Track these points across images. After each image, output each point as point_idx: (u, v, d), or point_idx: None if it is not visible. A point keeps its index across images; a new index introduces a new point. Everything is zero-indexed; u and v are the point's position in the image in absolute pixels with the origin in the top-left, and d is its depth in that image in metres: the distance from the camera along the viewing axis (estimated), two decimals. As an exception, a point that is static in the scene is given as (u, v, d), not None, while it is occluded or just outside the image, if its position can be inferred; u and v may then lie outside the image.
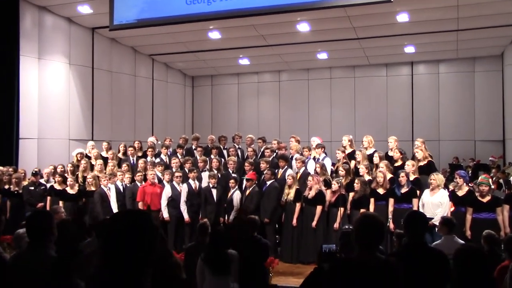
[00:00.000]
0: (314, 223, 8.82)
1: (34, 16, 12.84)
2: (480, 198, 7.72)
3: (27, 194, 10.21)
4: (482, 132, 16.20)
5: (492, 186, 9.94)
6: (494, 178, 12.40)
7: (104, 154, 11.30)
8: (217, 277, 4.95)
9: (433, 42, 14.62)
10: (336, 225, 8.59)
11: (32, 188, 10.29)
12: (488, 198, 7.70)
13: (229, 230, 5.27)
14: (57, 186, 10.08)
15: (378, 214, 3.30)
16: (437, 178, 8.01)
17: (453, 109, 16.56)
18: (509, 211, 7.58)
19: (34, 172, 10.67)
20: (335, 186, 8.80)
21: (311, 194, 8.87)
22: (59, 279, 3.02)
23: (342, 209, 8.59)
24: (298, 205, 9.01)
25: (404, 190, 8.19)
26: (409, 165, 8.61)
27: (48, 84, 13.32)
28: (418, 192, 8.25)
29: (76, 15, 13.52)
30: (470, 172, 13.73)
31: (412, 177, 8.47)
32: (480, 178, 8.47)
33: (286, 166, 9.78)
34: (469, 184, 9.02)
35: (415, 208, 7.94)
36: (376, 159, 9.14)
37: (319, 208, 8.82)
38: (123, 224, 1.96)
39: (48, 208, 9.63)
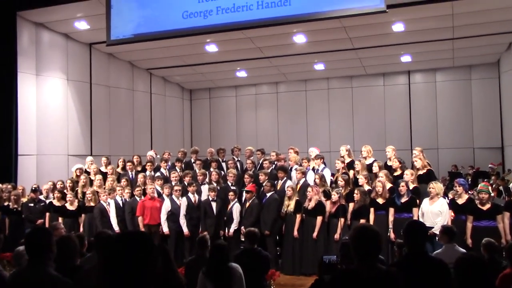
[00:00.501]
0: (315, 234, 8.79)
1: (31, 33, 12.89)
2: (480, 206, 7.70)
3: (26, 211, 10.18)
4: (481, 140, 16.22)
5: (492, 194, 9.93)
6: (493, 186, 12.38)
7: (103, 169, 11.28)
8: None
9: (429, 51, 14.69)
10: (336, 236, 8.57)
11: (32, 204, 10.26)
12: (488, 206, 7.68)
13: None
14: (56, 203, 10.06)
15: (371, 225, 3.30)
16: (436, 186, 8.00)
17: (451, 117, 16.59)
18: (510, 219, 7.56)
19: (33, 188, 10.64)
20: (335, 196, 8.79)
21: (311, 205, 8.86)
22: None
23: (342, 219, 8.57)
24: (298, 217, 8.99)
25: (404, 199, 8.17)
26: (408, 174, 8.61)
27: (46, 100, 13.33)
28: (418, 201, 8.23)
29: (73, 31, 13.58)
30: (469, 179, 13.72)
31: (411, 186, 8.47)
32: (479, 185, 8.46)
33: (285, 178, 9.77)
34: (469, 192, 9.02)
35: (415, 217, 7.92)
36: (375, 169, 9.15)
37: (319, 219, 8.80)
38: (125, 244, 1.98)
39: (47, 224, 9.61)
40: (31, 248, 3.31)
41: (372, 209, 8.46)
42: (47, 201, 10.39)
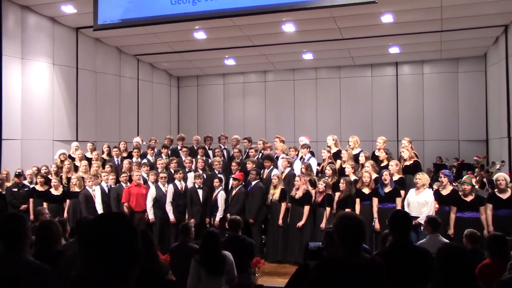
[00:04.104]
0: (301, 223, 8.82)
1: (17, 16, 12.68)
2: (463, 198, 7.79)
3: (10, 196, 10.08)
4: (466, 132, 16.35)
5: (476, 186, 10.03)
6: (478, 178, 12.51)
7: (88, 155, 11.20)
8: (213, 278, 4.92)
9: (417, 42, 14.73)
10: (322, 225, 8.61)
11: (16, 189, 10.16)
12: (471, 197, 7.78)
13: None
14: (39, 188, 9.97)
15: (354, 213, 3.31)
16: (423, 177, 8.08)
17: (437, 109, 16.69)
18: (492, 210, 7.65)
19: (17, 173, 10.53)
20: (321, 186, 8.82)
21: (298, 194, 8.87)
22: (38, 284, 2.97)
23: (328, 209, 8.61)
24: (283, 205, 9.02)
25: (387, 189, 8.22)
26: (393, 165, 8.66)
27: (32, 84, 13.15)
28: (402, 192, 8.29)
29: (60, 15, 13.38)
30: (454, 171, 13.84)
31: (396, 177, 8.52)
32: (464, 177, 8.55)
33: (272, 166, 9.77)
34: (453, 184, 9.10)
35: (398, 208, 7.98)
36: (362, 159, 9.19)
37: (306, 208, 8.83)
38: (102, 228, 1.93)
39: (31, 210, 9.53)
40: (5, 234, 3.23)
41: (357, 199, 8.51)
42: (31, 186, 10.29)
